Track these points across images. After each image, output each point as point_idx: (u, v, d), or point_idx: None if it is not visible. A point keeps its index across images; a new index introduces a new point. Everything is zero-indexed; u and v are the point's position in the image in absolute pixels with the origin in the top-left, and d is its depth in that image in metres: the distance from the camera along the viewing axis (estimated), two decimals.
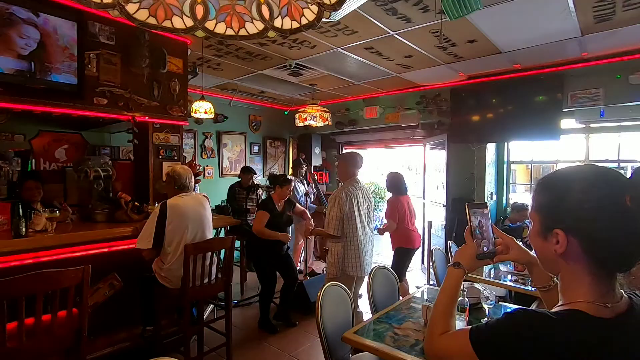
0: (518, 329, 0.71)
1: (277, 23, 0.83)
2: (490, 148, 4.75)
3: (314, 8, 0.82)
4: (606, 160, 4.38)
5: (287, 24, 0.84)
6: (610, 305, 0.70)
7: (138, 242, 2.44)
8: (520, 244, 1.03)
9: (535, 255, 1.01)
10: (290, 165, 6.89)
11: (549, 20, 2.80)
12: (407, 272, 3.98)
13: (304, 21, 0.84)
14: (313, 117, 4.65)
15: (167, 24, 0.82)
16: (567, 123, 4.11)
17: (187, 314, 2.47)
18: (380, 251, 6.31)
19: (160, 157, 3.17)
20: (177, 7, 0.79)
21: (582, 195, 0.71)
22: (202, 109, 3.23)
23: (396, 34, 3.07)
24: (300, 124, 4.85)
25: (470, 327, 0.80)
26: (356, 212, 2.92)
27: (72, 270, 1.77)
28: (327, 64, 4.01)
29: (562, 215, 0.74)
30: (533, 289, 2.57)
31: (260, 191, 4.50)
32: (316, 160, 6.46)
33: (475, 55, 3.65)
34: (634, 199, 0.68)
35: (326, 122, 4.79)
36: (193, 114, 3.33)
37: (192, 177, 2.66)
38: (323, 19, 0.93)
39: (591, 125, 4.25)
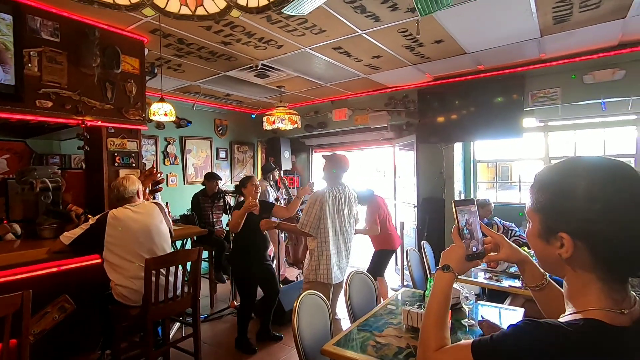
0: (530, 344, 0.62)
1: (242, 0, 0.72)
2: (458, 147, 4.84)
3: None
4: (564, 157, 4.59)
5: (254, 1, 0.73)
6: (626, 312, 0.63)
7: (62, 236, 2.31)
8: None
9: (525, 253, 0.96)
10: (260, 170, 6.70)
11: (512, 21, 2.86)
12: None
13: None
14: (282, 120, 4.52)
15: None
16: (528, 122, 4.26)
17: (151, 335, 2.25)
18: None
19: (117, 164, 2.90)
20: None
21: (592, 193, 0.62)
22: (161, 111, 3.00)
23: (365, 33, 3.02)
24: (269, 127, 4.71)
25: (471, 341, 0.71)
26: (334, 217, 2.77)
27: (8, 297, 1.52)
28: (294, 65, 3.90)
29: (567, 216, 0.65)
30: (524, 287, 2.59)
31: (228, 197, 4.29)
32: (286, 165, 6.33)
33: (442, 56, 3.69)
34: None
35: (295, 125, 4.68)
36: (152, 117, 3.09)
37: (132, 185, 2.47)
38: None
39: (549, 123, 4.45)
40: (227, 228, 4.19)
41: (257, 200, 3.20)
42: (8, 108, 2.31)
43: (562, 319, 0.67)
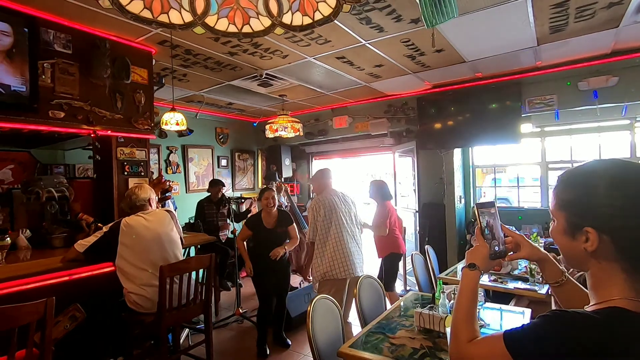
0: (560, 331, 0.67)
1: (287, 19, 0.78)
2: (457, 153, 4.93)
3: (332, 1, 0.77)
4: (560, 161, 4.71)
5: (298, 19, 0.78)
6: None
7: (77, 244, 2.32)
8: None
9: (544, 251, 1.02)
10: (261, 178, 6.74)
11: (510, 31, 2.97)
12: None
13: (317, 16, 0.78)
14: (284, 128, 4.58)
15: (163, 18, 0.73)
16: (525, 127, 4.37)
17: (165, 341, 2.27)
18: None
19: (126, 173, 2.94)
20: (176, 0, 0.70)
21: (614, 190, 0.69)
22: (173, 121, 3.05)
23: (368, 43, 3.11)
24: (271, 135, 4.76)
25: (503, 332, 0.76)
26: (335, 215, 2.97)
27: (31, 304, 1.55)
28: (298, 74, 3.98)
29: (591, 212, 0.71)
30: (545, 287, 2.66)
31: (233, 205, 4.32)
32: (286, 172, 6.38)
33: (441, 65, 3.79)
34: None
35: (297, 133, 4.74)
36: (163, 126, 3.14)
37: (144, 194, 2.51)
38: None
39: (546, 128, 4.56)
40: (232, 235, 4.21)
41: (276, 210, 3.30)
42: (22, 119, 2.34)
43: (588, 308, 0.73)
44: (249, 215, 3.57)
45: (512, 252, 1.00)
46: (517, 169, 5.50)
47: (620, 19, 2.80)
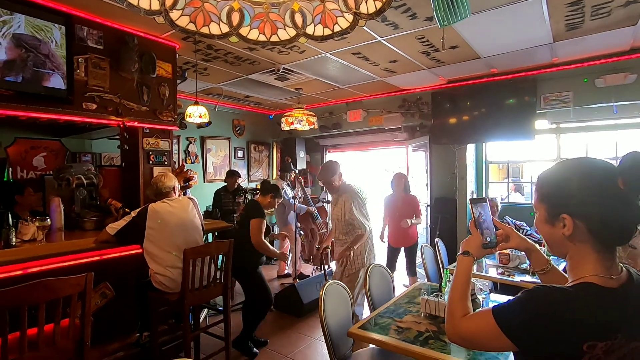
0: (540, 303, 0.79)
1: (310, 30, 0.89)
2: (470, 148, 4.95)
3: (349, 17, 0.88)
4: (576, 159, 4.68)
5: (320, 31, 0.90)
6: (614, 277, 0.80)
7: (108, 227, 2.49)
8: None
9: (531, 242, 1.12)
10: (275, 170, 6.90)
11: (525, 28, 2.99)
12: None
13: (336, 29, 0.90)
14: (300, 121, 4.70)
15: (204, 30, 0.85)
16: (540, 124, 4.37)
17: (187, 319, 2.45)
18: None
19: (151, 162, 3.12)
20: (216, 14, 0.83)
21: (583, 183, 0.82)
22: (196, 113, 3.21)
23: (384, 39, 3.19)
24: (287, 128, 4.89)
25: (491, 307, 0.88)
26: (367, 207, 3.06)
27: (74, 277, 1.73)
28: (314, 69, 4.08)
29: (566, 202, 0.84)
30: (532, 276, 2.77)
31: (248, 195, 4.49)
32: (301, 164, 6.51)
33: (456, 60, 3.83)
34: (626, 181, 0.80)
35: (312, 126, 4.86)
36: (187, 119, 3.30)
37: (169, 181, 2.66)
38: None
39: (561, 125, 4.54)
40: None
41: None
42: (60, 110, 2.53)
43: (566, 285, 0.84)
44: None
45: (502, 242, 1.11)
46: (531, 165, 5.49)
47: (638, 17, 2.79)
